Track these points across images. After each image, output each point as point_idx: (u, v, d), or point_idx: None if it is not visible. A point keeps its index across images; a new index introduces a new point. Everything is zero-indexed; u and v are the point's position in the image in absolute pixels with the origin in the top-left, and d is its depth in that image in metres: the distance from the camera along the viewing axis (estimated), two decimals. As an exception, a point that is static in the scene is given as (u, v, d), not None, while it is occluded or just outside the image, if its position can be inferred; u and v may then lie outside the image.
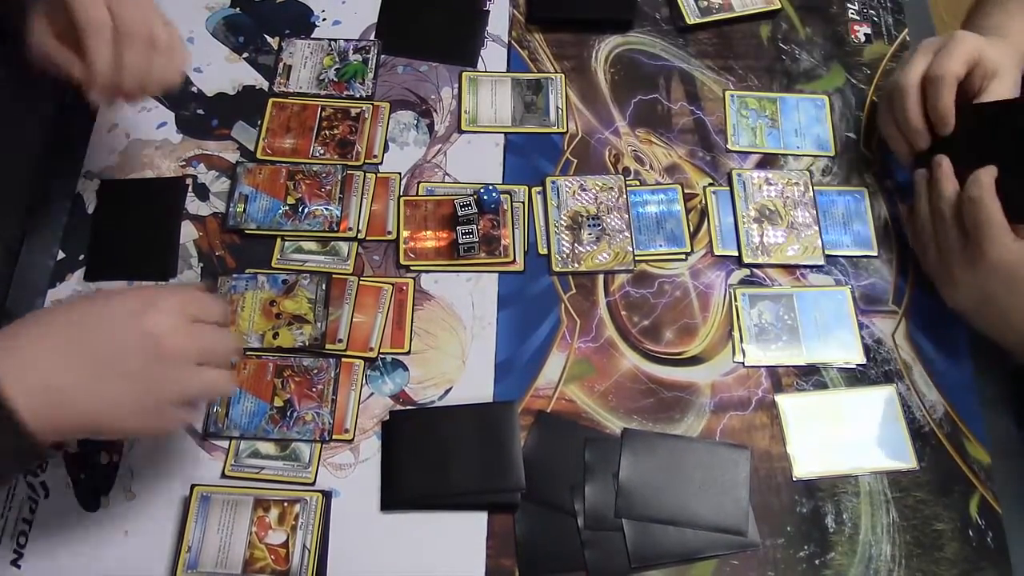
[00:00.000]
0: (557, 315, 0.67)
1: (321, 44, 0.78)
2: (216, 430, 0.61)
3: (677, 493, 0.60)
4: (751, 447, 0.62)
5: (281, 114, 0.74)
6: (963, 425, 0.65)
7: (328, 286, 0.66)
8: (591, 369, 0.65)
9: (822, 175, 0.75)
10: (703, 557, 0.59)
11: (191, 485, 0.59)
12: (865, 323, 0.68)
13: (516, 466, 0.60)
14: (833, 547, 0.60)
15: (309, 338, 0.64)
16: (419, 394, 0.64)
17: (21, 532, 0.58)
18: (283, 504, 0.59)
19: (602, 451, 0.62)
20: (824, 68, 0.80)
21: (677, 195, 0.73)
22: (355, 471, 0.61)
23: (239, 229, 0.69)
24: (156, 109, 0.74)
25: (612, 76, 0.78)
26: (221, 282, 0.67)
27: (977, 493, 0.62)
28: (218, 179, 0.72)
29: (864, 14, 0.84)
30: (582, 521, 0.59)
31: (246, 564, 0.57)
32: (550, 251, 0.70)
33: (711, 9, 0.82)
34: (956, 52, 0.65)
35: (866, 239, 0.72)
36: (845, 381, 0.66)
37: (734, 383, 0.65)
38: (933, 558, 0.60)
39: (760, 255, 0.70)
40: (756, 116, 0.77)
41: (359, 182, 0.71)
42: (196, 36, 0.78)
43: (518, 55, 0.79)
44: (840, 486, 0.62)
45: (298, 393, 0.63)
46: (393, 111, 0.75)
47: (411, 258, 0.69)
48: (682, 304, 0.68)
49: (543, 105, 0.76)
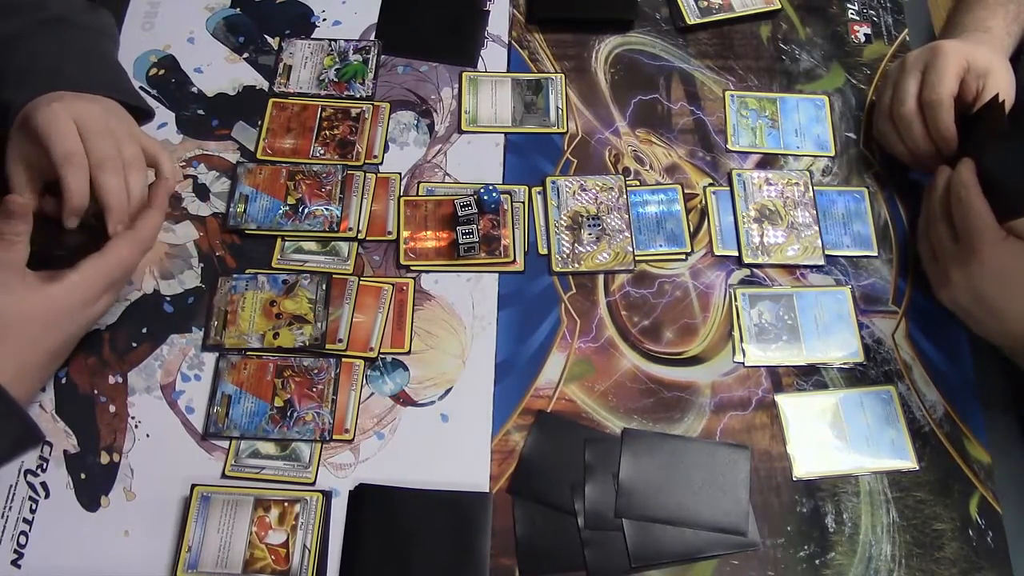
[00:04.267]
0: (557, 315, 0.67)
1: (321, 44, 0.78)
2: (216, 430, 0.61)
3: (677, 493, 0.60)
4: (751, 447, 0.63)
5: (281, 114, 0.74)
6: (963, 425, 0.65)
7: (328, 286, 0.66)
8: (591, 369, 0.65)
9: (822, 175, 0.75)
10: (703, 557, 0.59)
11: (191, 485, 0.59)
12: (865, 323, 0.68)
13: (481, 566, 0.57)
14: (833, 547, 0.60)
15: (309, 338, 0.64)
16: (419, 394, 0.64)
17: (21, 532, 0.58)
18: (283, 504, 0.59)
19: (602, 451, 0.62)
20: (824, 68, 0.80)
21: (677, 195, 0.73)
22: (355, 471, 0.61)
23: (239, 229, 0.69)
24: (156, 109, 0.74)
25: (612, 76, 0.78)
26: (221, 282, 0.67)
27: (977, 493, 0.62)
28: (218, 179, 0.72)
29: (864, 14, 0.84)
30: (582, 521, 0.59)
31: (246, 564, 0.57)
32: (550, 251, 0.70)
33: (711, 9, 0.82)
34: (946, 71, 0.66)
35: (866, 239, 0.72)
36: (845, 381, 0.66)
37: (734, 383, 0.65)
38: (933, 558, 0.60)
39: (760, 255, 0.70)
40: (756, 116, 0.77)
41: (359, 182, 0.71)
42: (196, 36, 0.79)
43: (518, 55, 0.79)
44: (840, 486, 0.62)
45: (298, 393, 0.63)
46: (393, 111, 0.75)
47: (411, 258, 0.69)
48: (682, 304, 0.68)
49: (543, 105, 0.76)
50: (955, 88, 0.66)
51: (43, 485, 0.60)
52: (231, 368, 0.63)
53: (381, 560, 0.58)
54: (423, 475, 0.61)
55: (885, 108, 0.72)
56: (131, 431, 0.62)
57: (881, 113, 0.73)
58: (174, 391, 0.63)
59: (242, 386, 0.63)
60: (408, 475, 0.61)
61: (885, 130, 0.72)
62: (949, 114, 0.66)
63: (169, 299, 0.67)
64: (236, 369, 0.63)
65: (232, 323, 0.65)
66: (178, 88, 0.76)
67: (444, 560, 0.58)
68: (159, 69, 0.77)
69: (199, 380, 0.64)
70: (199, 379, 0.64)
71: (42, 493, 0.60)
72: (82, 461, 0.61)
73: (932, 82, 0.66)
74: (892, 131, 0.71)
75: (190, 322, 0.66)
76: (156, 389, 0.63)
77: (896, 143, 0.71)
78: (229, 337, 0.64)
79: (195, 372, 0.64)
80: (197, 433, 0.62)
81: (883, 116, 0.72)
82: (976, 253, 0.60)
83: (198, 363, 0.64)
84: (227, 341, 0.64)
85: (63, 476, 0.60)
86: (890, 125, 0.71)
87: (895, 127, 0.71)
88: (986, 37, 0.70)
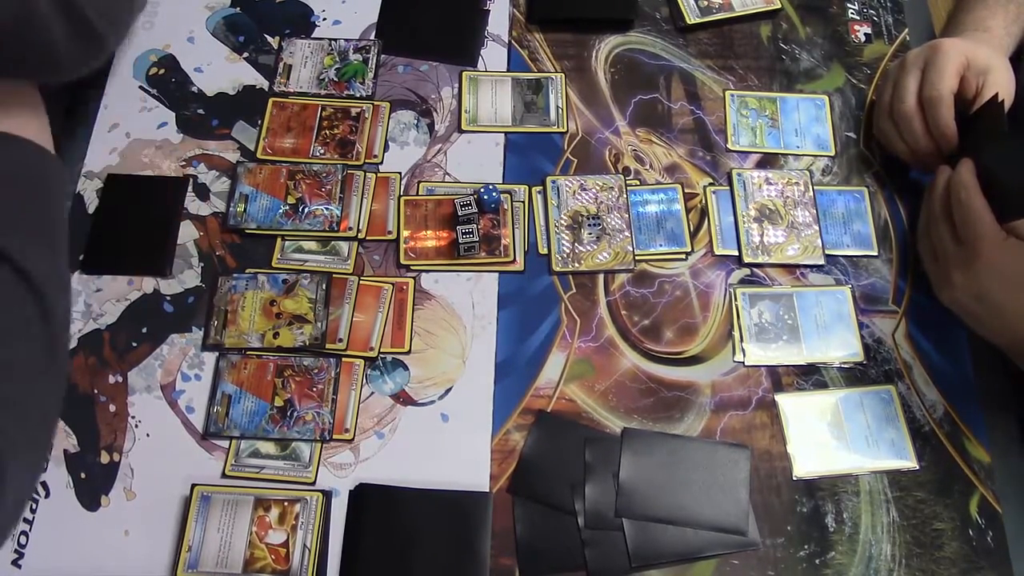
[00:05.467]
0: (557, 315, 0.67)
1: (321, 44, 0.78)
2: (216, 430, 0.61)
3: (677, 493, 0.60)
4: (751, 447, 0.63)
5: (281, 114, 0.74)
6: (963, 425, 0.65)
7: (328, 286, 0.66)
8: (591, 369, 0.65)
9: (822, 175, 0.75)
10: (703, 557, 0.59)
11: (191, 485, 0.59)
12: (865, 323, 0.68)
13: (481, 566, 0.57)
14: (833, 546, 0.60)
15: (309, 338, 0.64)
16: (419, 393, 0.64)
17: (21, 532, 0.58)
18: (283, 504, 0.59)
19: (602, 451, 0.62)
20: (824, 68, 0.80)
21: (677, 195, 0.73)
22: (355, 471, 0.61)
23: (239, 229, 0.69)
24: (156, 109, 0.74)
25: (612, 76, 0.78)
26: (221, 282, 0.67)
27: (977, 493, 0.62)
28: (218, 179, 0.72)
29: (864, 14, 0.84)
30: (582, 521, 0.59)
31: (246, 564, 0.57)
32: (550, 251, 0.70)
33: (711, 9, 0.82)
34: (946, 68, 0.66)
35: (866, 239, 0.72)
36: (845, 381, 0.66)
37: (734, 383, 0.65)
38: (933, 558, 0.60)
39: (760, 255, 0.70)
40: (756, 116, 0.77)
41: (359, 182, 0.71)
42: (196, 36, 0.78)
43: (518, 55, 0.79)
44: (840, 486, 0.62)
45: (298, 393, 0.63)
46: (393, 111, 0.75)
47: (411, 258, 0.69)
48: (682, 304, 0.68)
49: (543, 105, 0.76)
50: (955, 85, 0.66)
51: (43, 484, 0.60)
52: (231, 368, 0.63)
53: (381, 560, 0.58)
54: (423, 475, 0.61)
55: (885, 106, 0.72)
56: (131, 431, 0.62)
57: (881, 111, 0.73)
58: (174, 391, 0.63)
59: (242, 386, 0.63)
60: (408, 475, 0.61)
61: (885, 128, 0.72)
62: (949, 111, 0.66)
63: (169, 299, 0.67)
64: (236, 369, 0.63)
65: (232, 323, 0.65)
66: (178, 88, 0.76)
67: (444, 560, 0.58)
68: (159, 68, 0.77)
69: (199, 380, 0.64)
70: (199, 379, 0.64)
71: (42, 493, 0.60)
72: (82, 461, 0.61)
73: (932, 79, 0.66)
74: (892, 129, 0.71)
75: (190, 322, 0.66)
76: (156, 389, 0.63)
77: (896, 141, 0.71)
78: (229, 337, 0.64)
79: (195, 372, 0.64)
80: (197, 433, 0.62)
81: (883, 114, 0.72)
82: (977, 254, 0.60)
83: (198, 363, 0.64)
84: (227, 341, 0.64)
85: (63, 476, 0.60)
86: (890, 123, 0.71)
87: (895, 125, 0.71)
88: (986, 36, 0.70)
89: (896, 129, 0.71)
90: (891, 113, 0.71)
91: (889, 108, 0.71)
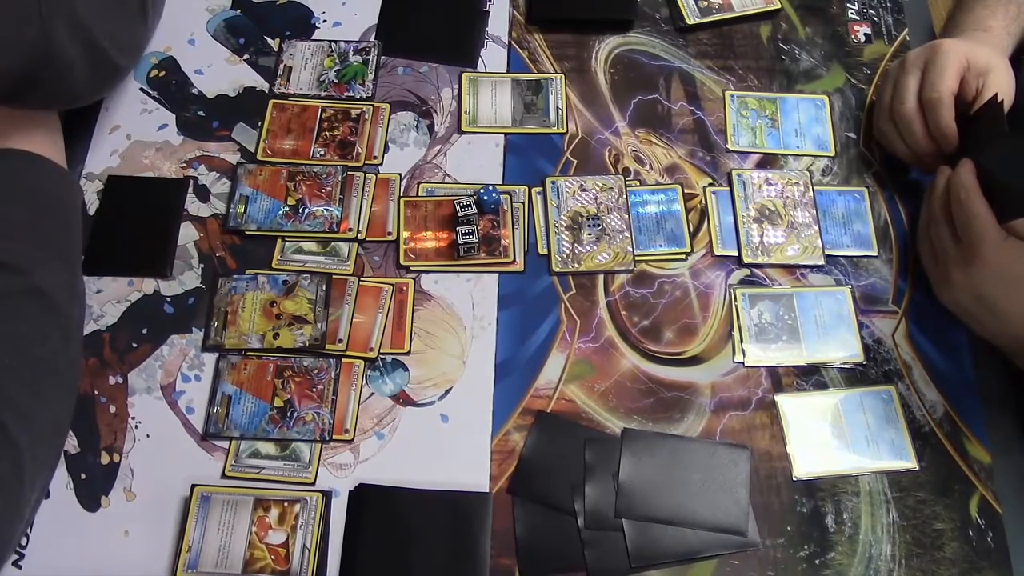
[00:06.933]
0: (557, 315, 0.67)
1: (321, 45, 0.78)
2: (216, 430, 0.61)
3: (677, 493, 0.60)
4: (751, 447, 0.62)
5: (281, 115, 0.74)
6: (963, 425, 0.65)
7: (328, 286, 0.66)
8: (591, 369, 0.65)
9: (822, 175, 0.75)
10: (703, 557, 0.59)
11: (191, 485, 0.59)
12: (865, 323, 0.68)
13: (481, 566, 0.57)
14: (833, 547, 0.60)
15: (309, 338, 0.64)
16: (419, 394, 0.64)
17: (21, 532, 0.58)
18: (283, 504, 0.59)
19: (602, 451, 0.62)
20: (824, 68, 0.80)
21: (677, 195, 0.73)
22: (355, 471, 0.61)
23: (239, 230, 0.69)
24: (157, 111, 0.75)
25: (612, 76, 0.78)
26: (221, 283, 0.67)
27: (977, 493, 0.62)
28: (219, 180, 0.72)
29: (864, 14, 0.84)
30: (582, 521, 0.59)
31: (246, 564, 0.57)
32: (550, 251, 0.70)
33: (711, 9, 0.82)
34: (946, 68, 0.66)
35: (866, 239, 0.72)
36: (845, 381, 0.66)
37: (734, 383, 0.65)
38: (933, 558, 0.60)
39: (760, 255, 0.70)
40: (756, 116, 0.77)
41: (359, 183, 0.71)
42: (197, 38, 0.79)
43: (518, 55, 0.79)
44: (840, 486, 0.62)
45: (298, 393, 0.63)
46: (393, 112, 0.76)
47: (411, 258, 0.69)
48: (682, 304, 0.68)
49: (543, 105, 0.76)
50: (955, 86, 0.66)
51: (44, 485, 0.60)
52: (231, 368, 0.64)
53: (381, 560, 0.58)
54: (423, 475, 0.61)
55: (885, 107, 0.72)
56: (131, 431, 0.62)
57: (881, 112, 0.73)
58: (174, 391, 0.63)
59: (242, 386, 0.63)
60: (408, 475, 0.61)
61: (885, 129, 0.72)
62: (949, 112, 0.66)
63: (169, 300, 0.67)
64: (236, 369, 0.63)
65: (232, 323, 0.65)
66: (179, 90, 0.76)
67: (444, 560, 0.58)
68: (160, 71, 0.77)
69: (199, 380, 0.64)
70: (199, 379, 0.64)
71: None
72: (82, 461, 0.61)
73: (932, 80, 0.66)
74: (892, 130, 0.71)
75: (190, 322, 0.66)
76: (156, 389, 0.63)
77: (896, 142, 0.71)
78: (229, 337, 0.64)
79: (195, 372, 0.64)
80: (197, 433, 0.62)
81: (883, 115, 0.72)
82: (977, 254, 0.60)
83: (198, 363, 0.64)
84: (227, 341, 0.64)
85: (63, 476, 0.60)
86: (890, 124, 0.71)
87: (895, 126, 0.71)
88: (986, 36, 0.70)
89: (896, 130, 0.71)
90: (891, 114, 0.71)
91: (889, 109, 0.71)
